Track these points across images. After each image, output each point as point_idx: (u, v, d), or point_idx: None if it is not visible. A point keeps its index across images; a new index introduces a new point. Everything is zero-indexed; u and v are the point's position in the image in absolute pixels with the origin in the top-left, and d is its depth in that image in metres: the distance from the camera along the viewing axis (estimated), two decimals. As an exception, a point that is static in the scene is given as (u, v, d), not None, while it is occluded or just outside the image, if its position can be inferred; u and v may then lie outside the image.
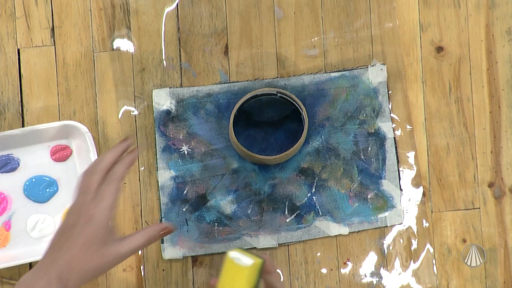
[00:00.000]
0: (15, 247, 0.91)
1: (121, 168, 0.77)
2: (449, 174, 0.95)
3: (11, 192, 0.91)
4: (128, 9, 0.93)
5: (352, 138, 0.93)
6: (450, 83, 0.95)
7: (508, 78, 0.96)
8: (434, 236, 0.95)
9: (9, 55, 0.92)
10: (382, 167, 0.94)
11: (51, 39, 0.93)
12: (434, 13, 0.96)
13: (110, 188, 0.75)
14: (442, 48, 0.96)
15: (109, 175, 0.77)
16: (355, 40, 0.95)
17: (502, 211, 0.95)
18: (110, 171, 0.77)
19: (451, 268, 0.94)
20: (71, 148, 0.92)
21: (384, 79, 0.94)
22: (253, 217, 0.93)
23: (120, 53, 0.93)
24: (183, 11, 0.94)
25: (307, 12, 0.95)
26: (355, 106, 0.93)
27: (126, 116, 0.93)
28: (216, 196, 0.92)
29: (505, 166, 0.95)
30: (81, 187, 0.77)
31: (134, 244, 0.76)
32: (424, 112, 0.95)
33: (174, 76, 0.93)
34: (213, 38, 0.94)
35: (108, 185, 0.76)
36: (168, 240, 0.91)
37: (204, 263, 0.92)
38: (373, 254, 0.94)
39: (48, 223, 0.91)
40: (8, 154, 0.91)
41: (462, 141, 0.95)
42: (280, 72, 0.94)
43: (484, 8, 0.96)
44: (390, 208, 0.94)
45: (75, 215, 0.75)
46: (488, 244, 0.95)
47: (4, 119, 0.91)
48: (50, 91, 0.92)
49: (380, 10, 0.95)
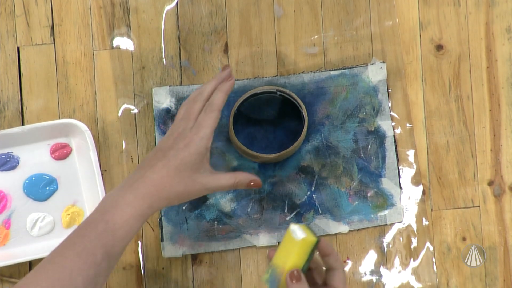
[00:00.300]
0: (14, 245, 0.91)
1: (219, 97, 0.80)
2: (449, 172, 0.95)
3: (11, 190, 0.91)
4: (127, 7, 0.93)
5: (352, 136, 0.93)
6: (450, 81, 0.95)
7: (508, 76, 0.96)
8: (434, 234, 0.95)
9: (9, 53, 0.92)
10: (381, 165, 0.94)
11: (51, 37, 0.93)
12: (433, 11, 0.96)
13: (209, 117, 0.79)
14: (442, 46, 0.96)
15: (208, 104, 0.80)
16: (355, 38, 0.95)
17: (502, 209, 0.95)
18: (209, 100, 0.80)
19: (451, 266, 0.94)
20: (71, 146, 0.92)
21: (384, 77, 0.94)
22: (253, 215, 0.93)
23: (120, 51, 0.93)
24: (183, 9, 0.94)
25: (307, 10, 0.95)
26: (355, 104, 0.93)
27: (126, 114, 0.93)
28: (216, 195, 0.92)
29: (505, 164, 0.95)
30: (183, 114, 0.81)
31: (222, 183, 0.80)
32: (424, 110, 0.95)
33: (174, 74, 0.93)
34: (213, 36, 0.94)
35: (207, 114, 0.79)
36: (168, 238, 0.91)
37: (204, 261, 0.92)
38: (372, 252, 0.94)
39: (47, 221, 0.91)
40: (8, 152, 0.91)
41: (462, 139, 0.95)
42: (279, 70, 0.94)
43: (484, 6, 0.96)
44: (390, 206, 0.94)
45: (173, 140, 0.79)
46: (488, 242, 0.95)
47: (4, 118, 0.91)
48: (50, 90, 0.92)
49: (380, 8, 0.95)
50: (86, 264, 0.71)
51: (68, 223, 0.91)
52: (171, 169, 0.76)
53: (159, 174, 0.76)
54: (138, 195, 0.75)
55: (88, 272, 0.71)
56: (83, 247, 0.72)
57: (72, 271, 0.70)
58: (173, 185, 0.76)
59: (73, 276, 0.70)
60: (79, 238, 0.73)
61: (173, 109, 0.92)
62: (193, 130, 0.78)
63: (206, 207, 0.92)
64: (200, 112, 0.80)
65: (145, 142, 0.93)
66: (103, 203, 0.75)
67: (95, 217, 0.75)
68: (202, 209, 0.92)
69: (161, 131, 0.92)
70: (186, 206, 0.92)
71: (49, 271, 0.71)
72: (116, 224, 0.73)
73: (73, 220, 0.91)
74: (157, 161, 0.77)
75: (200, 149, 0.77)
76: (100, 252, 0.72)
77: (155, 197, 0.75)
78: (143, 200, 0.75)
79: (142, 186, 0.75)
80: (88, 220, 0.75)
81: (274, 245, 0.92)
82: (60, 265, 0.71)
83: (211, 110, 0.79)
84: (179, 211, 0.92)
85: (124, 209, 0.74)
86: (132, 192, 0.75)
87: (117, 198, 0.75)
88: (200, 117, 0.79)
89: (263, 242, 0.92)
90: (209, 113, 0.79)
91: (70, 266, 0.71)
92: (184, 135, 0.78)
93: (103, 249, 0.72)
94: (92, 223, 0.74)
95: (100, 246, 0.72)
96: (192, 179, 0.77)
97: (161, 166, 0.77)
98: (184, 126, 0.80)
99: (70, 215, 0.91)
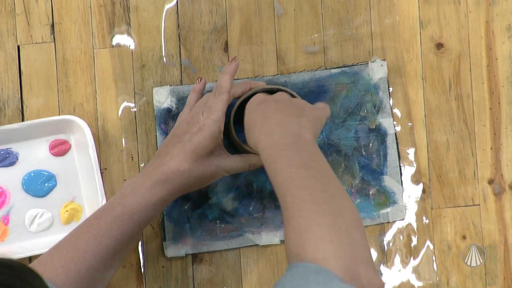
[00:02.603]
0: (13, 242, 0.90)
1: (226, 79, 0.82)
2: (449, 171, 0.95)
3: (9, 186, 0.91)
4: (128, 5, 0.93)
5: (353, 134, 0.93)
6: (450, 80, 0.96)
7: (508, 75, 0.96)
8: (434, 233, 0.95)
9: (9, 52, 0.92)
10: (383, 163, 0.94)
11: (51, 36, 0.92)
12: (434, 10, 0.96)
13: (219, 99, 0.80)
14: (442, 45, 0.96)
15: (216, 88, 0.81)
16: (355, 37, 0.95)
17: (502, 207, 0.95)
18: (216, 84, 0.82)
19: (451, 264, 0.95)
20: (70, 142, 0.92)
21: (384, 75, 0.94)
22: (255, 214, 0.92)
23: (120, 49, 0.93)
24: (183, 7, 0.94)
25: (307, 8, 0.95)
26: (356, 102, 0.93)
27: (126, 112, 0.93)
28: (218, 194, 0.92)
29: (505, 163, 0.96)
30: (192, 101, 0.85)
31: (237, 164, 0.82)
32: (424, 108, 0.95)
33: (174, 72, 0.93)
34: (213, 34, 0.94)
35: (216, 97, 0.80)
36: (170, 238, 0.91)
37: (204, 259, 0.92)
38: (373, 250, 0.94)
39: (46, 218, 0.91)
40: (7, 148, 0.91)
41: (462, 138, 0.95)
42: (280, 68, 0.94)
43: (484, 5, 0.96)
44: (392, 203, 0.94)
45: (185, 125, 0.81)
46: (488, 240, 0.95)
47: (4, 116, 0.91)
48: (50, 88, 0.92)
49: (380, 6, 0.95)
50: (101, 247, 0.73)
51: (66, 220, 0.91)
52: (187, 153, 0.78)
53: (176, 160, 0.78)
54: (157, 182, 0.77)
55: (103, 255, 0.73)
56: (99, 229, 0.74)
57: (85, 252, 0.72)
58: (191, 170, 0.78)
59: (86, 257, 0.72)
60: (95, 220, 0.75)
61: (174, 108, 0.92)
62: (204, 114, 0.80)
63: (208, 206, 0.92)
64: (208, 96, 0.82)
65: (145, 140, 0.92)
66: (123, 189, 0.78)
67: (114, 201, 0.77)
68: (204, 208, 0.92)
69: (162, 131, 0.92)
70: (188, 205, 0.92)
71: (64, 251, 0.73)
72: (133, 209, 0.75)
73: (72, 217, 0.91)
74: (173, 147, 0.79)
75: (213, 133, 0.79)
76: (115, 235, 0.74)
77: (174, 183, 0.77)
78: (162, 186, 0.77)
79: (160, 173, 0.77)
80: (106, 204, 0.77)
81: (277, 243, 0.92)
82: (75, 246, 0.73)
83: (220, 93, 0.81)
84: (181, 211, 0.92)
85: (143, 194, 0.76)
86: (151, 179, 0.77)
87: (135, 184, 0.77)
88: (210, 100, 0.81)
89: (265, 240, 0.92)
90: (218, 96, 0.80)
91: (84, 247, 0.72)
92: (197, 120, 0.80)
93: (119, 232, 0.74)
94: (109, 206, 0.76)
95: (116, 229, 0.74)
96: (208, 161, 0.79)
97: (177, 151, 0.78)
98: (194, 111, 0.82)
99: (69, 212, 0.91)
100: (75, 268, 0.72)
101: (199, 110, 0.82)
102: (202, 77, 0.88)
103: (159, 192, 0.77)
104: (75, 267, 0.72)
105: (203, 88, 0.88)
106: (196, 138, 0.79)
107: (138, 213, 0.76)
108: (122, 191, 0.78)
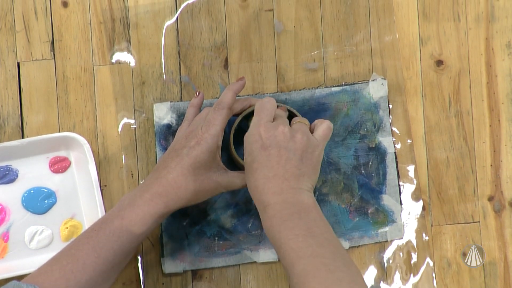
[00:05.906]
0: (13, 259, 0.90)
1: (229, 95, 0.82)
2: (449, 188, 0.95)
3: (9, 203, 0.91)
4: (128, 22, 0.93)
5: (353, 152, 0.93)
6: (450, 97, 0.96)
7: (508, 92, 0.96)
8: (434, 250, 0.95)
9: (9, 69, 0.92)
10: (382, 181, 0.94)
11: (51, 53, 0.92)
12: (433, 27, 0.96)
13: (218, 114, 0.81)
14: (441, 62, 0.96)
15: (217, 103, 0.82)
16: (355, 54, 0.95)
17: (502, 224, 0.95)
18: (218, 99, 0.82)
19: (451, 281, 0.94)
20: (70, 159, 0.92)
21: (385, 94, 0.94)
22: (254, 231, 0.92)
23: (120, 66, 0.93)
24: (183, 24, 0.94)
25: (307, 25, 0.95)
26: (356, 120, 0.93)
27: (126, 129, 0.93)
28: (217, 210, 0.92)
29: (505, 180, 0.96)
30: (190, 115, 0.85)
31: (235, 181, 0.83)
32: (424, 125, 0.95)
33: (174, 89, 0.93)
34: (213, 51, 0.94)
35: (216, 112, 0.81)
36: (168, 254, 0.91)
37: (204, 276, 0.92)
38: (373, 268, 0.94)
39: (46, 235, 0.91)
40: (6, 165, 0.91)
41: (462, 155, 0.95)
42: (280, 85, 0.94)
43: (484, 22, 0.96)
44: (391, 223, 0.94)
45: (184, 140, 0.81)
46: (488, 258, 0.95)
47: (4, 133, 0.91)
48: (50, 105, 0.92)
49: (380, 23, 0.95)
50: (100, 258, 0.73)
51: (66, 237, 0.91)
52: (184, 167, 0.78)
53: (173, 174, 0.78)
54: (155, 194, 0.77)
55: (101, 267, 0.73)
56: (98, 241, 0.74)
57: (85, 263, 0.72)
58: (188, 184, 0.78)
59: (86, 269, 0.72)
60: (94, 232, 0.76)
61: (174, 125, 0.92)
62: (203, 128, 0.80)
63: (206, 223, 0.92)
64: (208, 111, 0.83)
65: (145, 157, 0.92)
66: (121, 202, 0.78)
67: (112, 214, 0.77)
68: (202, 224, 0.92)
69: (162, 147, 0.92)
70: (187, 221, 0.92)
71: (63, 262, 0.73)
72: (131, 221, 0.76)
73: (72, 234, 0.91)
74: (170, 161, 0.79)
75: (211, 147, 0.79)
76: (114, 247, 0.74)
77: (171, 196, 0.78)
78: (159, 199, 0.77)
79: (158, 185, 0.78)
80: (105, 216, 0.78)
81: (275, 261, 0.92)
82: (74, 257, 0.73)
83: (220, 108, 0.81)
84: (180, 227, 0.92)
85: (140, 207, 0.76)
86: (148, 191, 0.78)
87: (133, 197, 0.78)
88: (209, 115, 0.81)
89: (263, 258, 0.92)
90: (218, 111, 0.81)
91: (84, 258, 0.73)
92: (195, 134, 0.80)
93: (117, 244, 0.74)
94: (108, 219, 0.77)
95: (114, 241, 0.74)
96: (206, 176, 0.80)
97: (174, 165, 0.79)
98: (193, 126, 0.82)
99: (69, 228, 0.91)
100: (75, 280, 0.72)
101: (198, 124, 0.82)
102: (200, 91, 0.88)
103: (156, 204, 0.77)
104: (75, 278, 0.72)
105: (201, 103, 0.88)
106: (194, 152, 0.79)
107: (136, 225, 0.76)
108: (120, 203, 0.79)
